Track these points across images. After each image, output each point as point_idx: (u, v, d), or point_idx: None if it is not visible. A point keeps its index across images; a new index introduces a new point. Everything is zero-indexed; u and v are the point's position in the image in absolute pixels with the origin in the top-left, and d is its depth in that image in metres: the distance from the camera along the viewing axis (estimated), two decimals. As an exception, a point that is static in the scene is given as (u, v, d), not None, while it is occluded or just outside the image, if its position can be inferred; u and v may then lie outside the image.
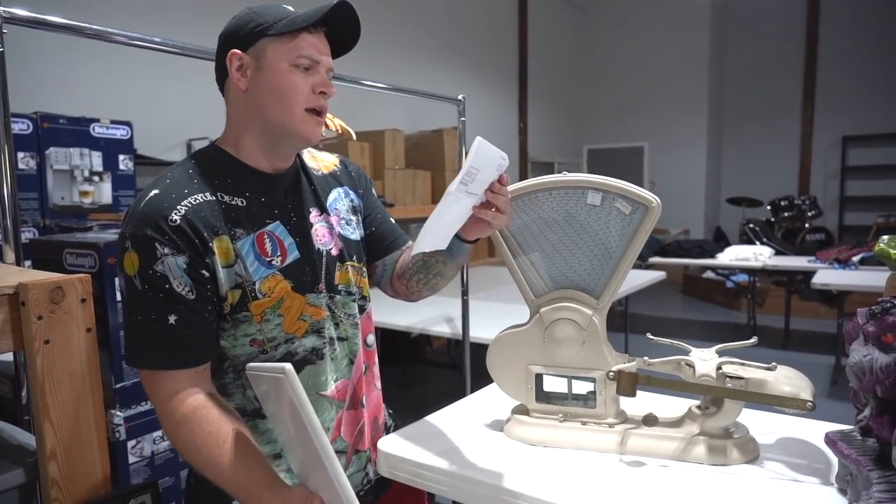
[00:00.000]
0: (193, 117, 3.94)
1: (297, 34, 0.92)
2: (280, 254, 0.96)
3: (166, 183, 0.92)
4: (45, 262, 1.55)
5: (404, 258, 1.14)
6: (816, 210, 6.65)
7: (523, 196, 1.04)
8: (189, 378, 0.88)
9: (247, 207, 0.95)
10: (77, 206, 2.62)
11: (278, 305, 0.95)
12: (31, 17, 1.15)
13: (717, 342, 1.04)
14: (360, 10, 0.98)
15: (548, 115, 8.55)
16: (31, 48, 2.40)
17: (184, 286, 0.87)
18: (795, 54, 8.29)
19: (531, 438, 1.05)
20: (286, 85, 0.92)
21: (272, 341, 0.95)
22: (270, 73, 0.92)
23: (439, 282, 1.12)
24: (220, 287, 0.91)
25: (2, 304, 0.81)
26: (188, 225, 0.87)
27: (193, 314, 0.88)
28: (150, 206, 0.88)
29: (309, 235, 1.01)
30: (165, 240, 0.86)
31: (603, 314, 1.05)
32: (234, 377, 0.97)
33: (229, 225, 0.92)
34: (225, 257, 0.91)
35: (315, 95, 0.94)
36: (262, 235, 0.95)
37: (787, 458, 0.96)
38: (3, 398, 1.80)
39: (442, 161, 4.61)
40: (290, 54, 0.92)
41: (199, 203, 0.90)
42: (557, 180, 1.03)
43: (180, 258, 0.87)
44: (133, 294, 0.87)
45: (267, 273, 0.94)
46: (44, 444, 0.83)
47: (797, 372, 0.98)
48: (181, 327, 0.87)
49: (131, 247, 0.87)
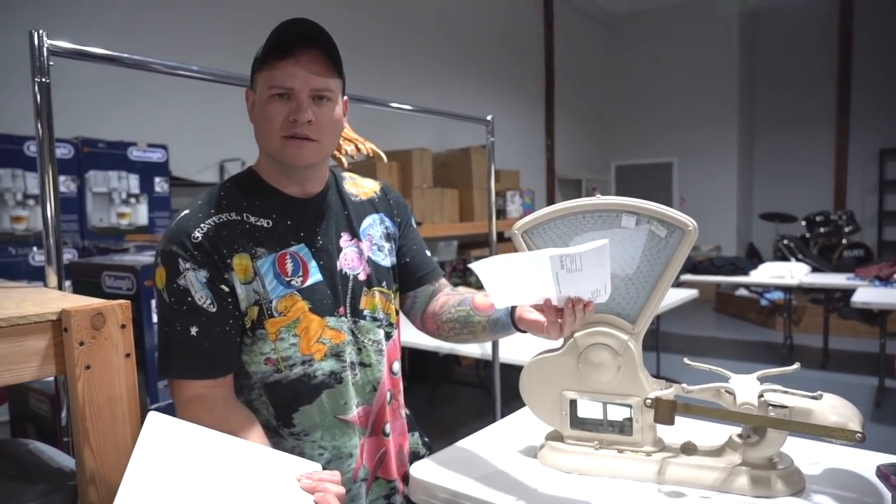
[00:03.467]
0: (225, 139, 4.03)
1: (273, 64, 0.93)
2: (302, 274, 0.98)
3: (197, 204, 0.97)
4: (84, 284, 1.59)
5: (446, 300, 1.12)
6: (854, 225, 6.46)
7: (557, 220, 1.03)
8: (208, 387, 0.92)
9: (272, 228, 0.98)
10: (114, 227, 2.69)
11: (294, 325, 0.96)
12: (75, 49, 1.19)
13: (752, 362, 1.02)
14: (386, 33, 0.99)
15: (575, 132, 8.52)
16: (71, 74, 2.49)
17: (205, 299, 0.92)
18: (829, 63, 8.11)
19: (566, 466, 1.04)
20: (264, 115, 0.96)
21: (287, 360, 0.96)
22: (258, 106, 0.97)
23: (469, 339, 1.10)
24: (241, 303, 0.94)
25: (45, 329, 0.82)
26: (208, 242, 0.93)
27: (214, 326, 0.92)
28: (178, 224, 0.95)
29: (334, 259, 1.02)
30: (187, 255, 0.92)
31: (639, 339, 1.03)
32: (258, 394, 0.99)
33: (251, 244, 0.96)
34: (243, 274, 0.94)
35: (289, 123, 0.94)
36: (285, 256, 0.97)
37: (835, 490, 0.92)
38: (42, 416, 1.85)
39: (469, 179, 4.62)
40: (266, 85, 0.95)
41: (222, 222, 0.95)
42: (591, 204, 1.01)
43: (201, 272, 0.92)
44: (162, 306, 0.93)
45: (285, 292, 0.96)
46: (84, 468, 0.83)
47: (843, 400, 0.95)
48: (202, 339, 0.92)
49: (161, 262, 0.93)
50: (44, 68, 1.12)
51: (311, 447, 0.99)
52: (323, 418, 0.99)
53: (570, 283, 0.86)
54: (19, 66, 2.92)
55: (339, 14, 4.78)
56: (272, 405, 0.98)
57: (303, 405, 0.98)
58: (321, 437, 0.99)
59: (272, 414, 0.98)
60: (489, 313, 1.03)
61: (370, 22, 5.07)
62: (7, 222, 2.38)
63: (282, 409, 0.98)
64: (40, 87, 1.12)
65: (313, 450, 0.99)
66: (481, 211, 4.59)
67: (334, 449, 1.00)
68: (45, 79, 1.12)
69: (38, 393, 1.79)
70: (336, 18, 4.70)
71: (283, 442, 0.98)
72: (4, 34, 2.94)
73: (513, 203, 4.99)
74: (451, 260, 4.46)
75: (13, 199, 2.38)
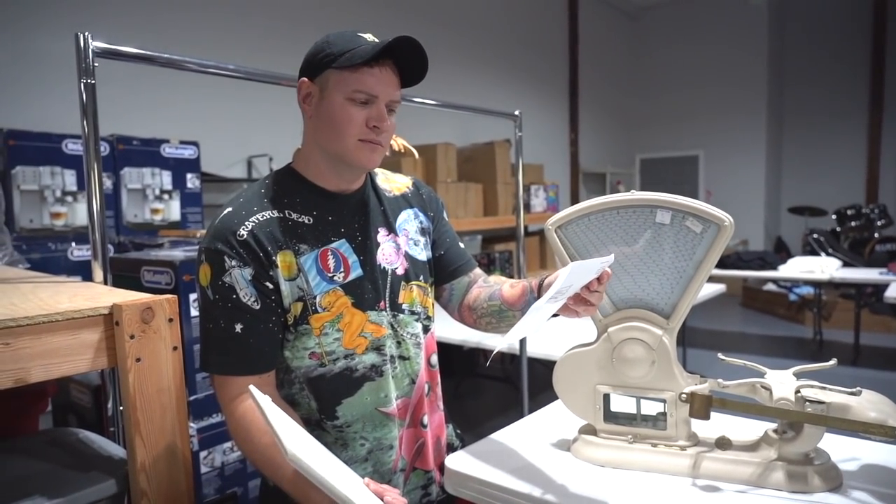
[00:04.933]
0: (254, 135, 4.09)
1: (358, 69, 0.95)
2: (343, 270, 1.00)
3: (239, 202, 0.98)
4: (124, 279, 1.64)
5: (478, 293, 1.14)
6: (886, 219, 6.31)
7: (591, 215, 1.04)
8: (253, 382, 0.92)
9: (313, 225, 1.00)
10: (148, 223, 2.76)
11: (337, 320, 0.98)
12: (115, 50, 1.22)
13: (781, 357, 1.02)
14: (411, 27, 1.00)
15: (599, 125, 8.45)
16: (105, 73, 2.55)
17: (249, 296, 0.93)
18: (861, 52, 7.90)
19: (600, 459, 1.04)
20: (341, 117, 0.96)
21: (331, 355, 0.99)
22: (329, 104, 0.96)
23: (507, 330, 1.12)
24: (284, 299, 0.96)
25: (98, 323, 0.86)
26: (254, 239, 0.94)
27: (259, 323, 0.94)
28: (222, 222, 0.96)
29: (374, 254, 1.04)
30: (233, 253, 0.93)
31: (673, 334, 1.04)
32: (299, 388, 1.01)
33: (294, 241, 0.97)
34: (288, 271, 0.96)
35: (368, 129, 0.96)
36: (326, 252, 0.99)
37: (873, 486, 0.92)
38: (83, 407, 1.90)
39: (493, 174, 4.62)
40: (347, 88, 0.95)
41: (266, 219, 0.96)
42: (625, 199, 1.02)
43: (246, 270, 0.93)
44: (206, 303, 0.95)
45: (328, 288, 0.98)
46: (135, 456, 0.87)
47: (883, 397, 0.94)
48: (246, 336, 0.93)
49: (205, 259, 0.95)
50: (89, 69, 1.15)
51: (353, 438, 1.01)
52: (364, 410, 1.01)
53: (571, 291, 0.89)
54: (56, 66, 3.01)
55: (363, 9, 4.80)
56: (315, 399, 1.00)
57: (345, 398, 1.00)
58: (362, 429, 1.01)
59: (315, 408, 1.00)
60: (520, 306, 1.04)
61: (393, 18, 5.08)
62: (47, 218, 2.45)
63: (326, 403, 1.00)
64: (86, 87, 1.15)
65: (355, 441, 1.01)
66: (505, 205, 4.59)
67: (375, 440, 1.02)
68: (91, 80, 1.15)
69: (79, 384, 1.85)
70: (360, 14, 4.72)
71: (326, 435, 1.00)
72: (41, 35, 3.02)
73: (537, 197, 4.98)
74: (476, 254, 4.46)
75: (52, 196, 2.45)
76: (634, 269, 1.04)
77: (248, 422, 0.91)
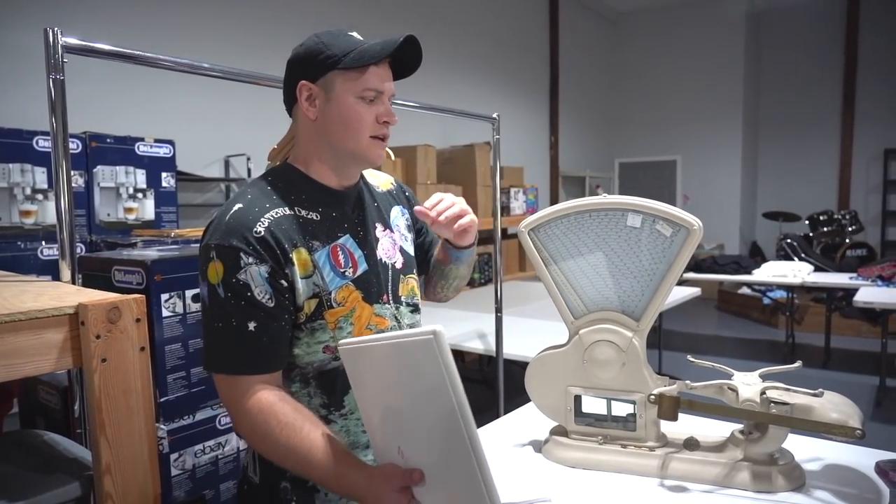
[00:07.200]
0: (231, 134, 4.05)
1: (365, 68, 0.96)
2: (351, 265, 1.02)
3: (248, 198, 0.97)
4: (95, 279, 1.61)
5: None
6: (857, 225, 6.46)
7: (563, 218, 1.05)
8: (263, 380, 0.93)
9: (321, 221, 1.01)
10: (122, 222, 2.71)
11: (350, 314, 1.00)
12: (87, 46, 1.21)
13: (754, 360, 1.04)
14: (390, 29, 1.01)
15: (579, 129, 8.52)
16: (78, 69, 2.52)
17: (264, 294, 0.92)
18: (834, 62, 8.09)
19: (570, 460, 1.05)
20: (354, 116, 0.97)
21: None
22: (339, 105, 0.97)
23: (460, 282, 1.26)
24: (298, 297, 0.96)
25: (63, 323, 0.84)
26: (271, 236, 0.93)
27: (272, 322, 0.93)
28: (235, 218, 0.93)
29: (375, 249, 1.07)
30: (250, 250, 0.91)
31: (643, 336, 1.05)
32: (301, 385, 1.01)
33: (307, 238, 0.98)
34: (303, 268, 0.96)
35: (379, 125, 1.00)
36: (336, 248, 1.01)
37: (835, 486, 0.94)
38: (52, 408, 1.87)
39: (473, 176, 4.63)
40: (357, 87, 0.97)
41: (279, 217, 0.96)
42: (597, 203, 1.03)
43: (263, 267, 0.92)
44: (216, 302, 0.92)
45: (341, 283, 0.99)
46: (99, 458, 0.85)
47: (844, 398, 0.96)
48: (260, 334, 0.92)
49: (216, 256, 0.92)
50: (58, 65, 1.13)
51: (356, 425, 1.03)
52: None
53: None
54: (27, 62, 2.95)
55: (344, 11, 4.79)
56: (325, 392, 1.01)
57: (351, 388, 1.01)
58: None
59: (321, 402, 1.01)
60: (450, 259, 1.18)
61: (374, 19, 5.07)
62: (16, 216, 2.40)
63: (334, 394, 1.01)
64: (55, 83, 1.13)
65: (358, 427, 1.03)
66: (485, 207, 4.60)
67: None
68: (60, 76, 1.14)
69: (47, 385, 1.81)
70: (340, 15, 4.71)
71: (331, 426, 1.01)
72: (12, 31, 2.96)
73: (516, 200, 5.00)
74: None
75: (22, 194, 2.40)
76: (606, 271, 1.05)
77: (264, 418, 0.89)
